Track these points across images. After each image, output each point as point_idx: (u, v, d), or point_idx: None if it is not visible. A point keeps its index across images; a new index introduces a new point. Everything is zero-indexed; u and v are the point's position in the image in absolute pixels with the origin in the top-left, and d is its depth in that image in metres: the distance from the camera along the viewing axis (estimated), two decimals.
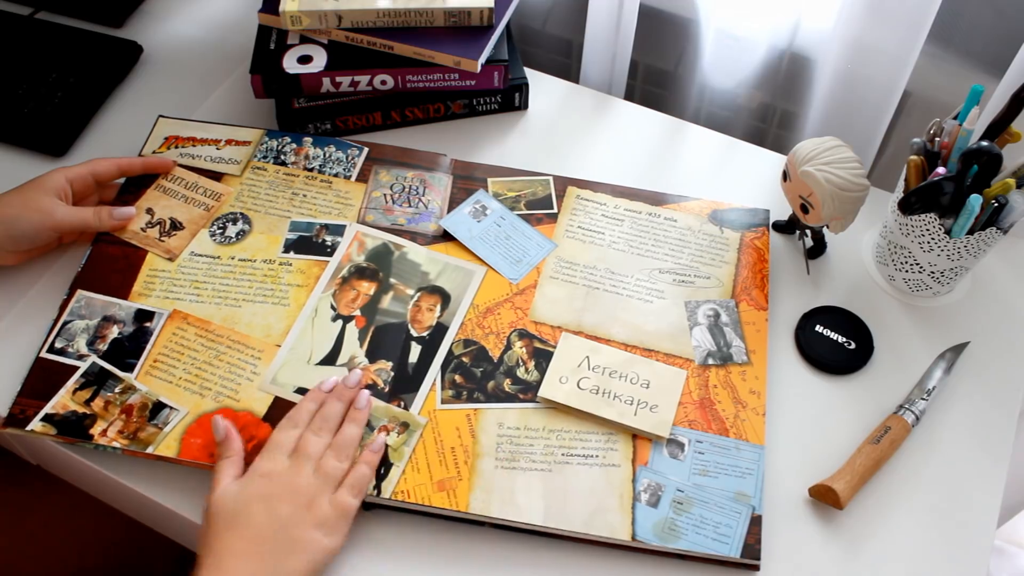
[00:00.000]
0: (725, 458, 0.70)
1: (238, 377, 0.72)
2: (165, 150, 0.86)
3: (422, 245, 0.80)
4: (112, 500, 0.82)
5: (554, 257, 0.81)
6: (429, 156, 0.87)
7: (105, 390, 0.72)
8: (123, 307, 0.76)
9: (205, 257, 0.79)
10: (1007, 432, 0.75)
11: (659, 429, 0.71)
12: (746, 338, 0.77)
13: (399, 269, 0.79)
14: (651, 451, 0.70)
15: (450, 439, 0.70)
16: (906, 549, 0.69)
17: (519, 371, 0.74)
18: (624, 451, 0.70)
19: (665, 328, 0.77)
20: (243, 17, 1.05)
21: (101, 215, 0.79)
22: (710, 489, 0.68)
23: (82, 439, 0.69)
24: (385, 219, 0.82)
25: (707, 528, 0.67)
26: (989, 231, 0.74)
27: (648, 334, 0.77)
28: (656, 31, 1.04)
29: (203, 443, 0.69)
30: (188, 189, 0.83)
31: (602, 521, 0.67)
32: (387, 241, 0.81)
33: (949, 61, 0.94)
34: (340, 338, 0.75)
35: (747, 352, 0.76)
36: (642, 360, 0.74)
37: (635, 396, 0.72)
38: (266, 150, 0.87)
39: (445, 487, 0.68)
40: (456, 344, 0.75)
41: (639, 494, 0.68)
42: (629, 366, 0.74)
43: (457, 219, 0.82)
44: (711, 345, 0.76)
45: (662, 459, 0.70)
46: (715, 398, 0.73)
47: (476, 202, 0.83)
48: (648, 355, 0.75)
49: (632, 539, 0.66)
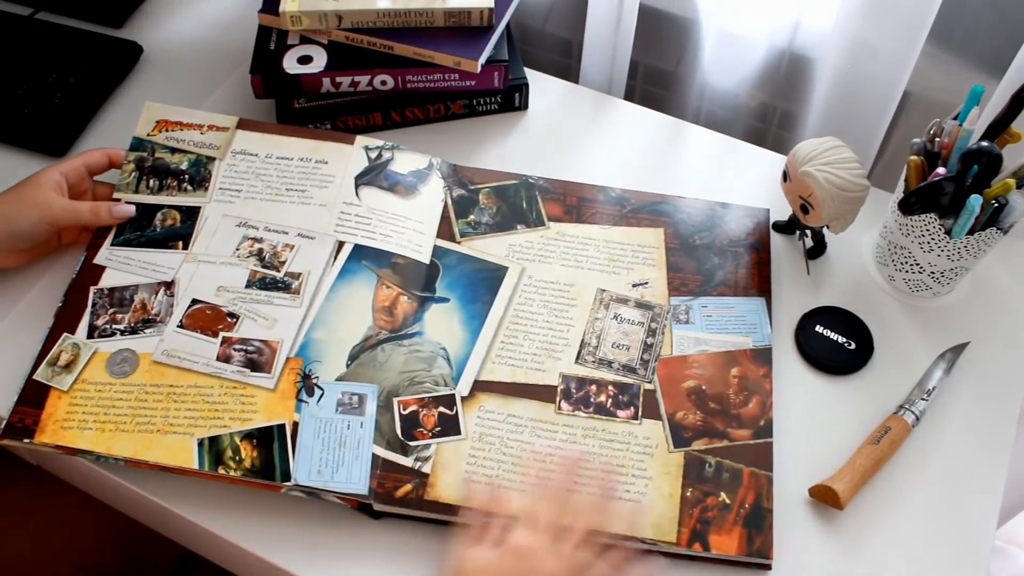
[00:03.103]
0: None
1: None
2: (157, 133, 0.86)
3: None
4: (112, 500, 0.82)
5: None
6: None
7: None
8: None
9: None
10: (1007, 432, 0.75)
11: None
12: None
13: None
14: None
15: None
16: (906, 549, 0.69)
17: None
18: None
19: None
20: (243, 17, 1.05)
21: (99, 211, 0.79)
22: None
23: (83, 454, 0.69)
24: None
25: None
26: (989, 231, 0.74)
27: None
28: (656, 31, 1.04)
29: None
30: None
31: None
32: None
33: (949, 61, 0.94)
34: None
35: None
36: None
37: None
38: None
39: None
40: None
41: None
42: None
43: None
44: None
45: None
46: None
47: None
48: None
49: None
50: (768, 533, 0.67)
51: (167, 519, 0.74)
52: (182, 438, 0.69)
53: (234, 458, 0.68)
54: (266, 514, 0.69)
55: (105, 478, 0.72)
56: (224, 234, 0.80)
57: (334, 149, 0.86)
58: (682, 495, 0.68)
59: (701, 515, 0.67)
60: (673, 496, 0.68)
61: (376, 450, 0.69)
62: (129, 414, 0.70)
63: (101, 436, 0.69)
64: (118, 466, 0.70)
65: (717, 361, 0.75)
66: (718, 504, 0.68)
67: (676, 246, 0.82)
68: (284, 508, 0.69)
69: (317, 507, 0.70)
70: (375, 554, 0.68)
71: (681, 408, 0.72)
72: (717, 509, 0.68)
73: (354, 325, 0.75)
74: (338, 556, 0.68)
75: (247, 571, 0.75)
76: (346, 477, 0.67)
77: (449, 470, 0.69)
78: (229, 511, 0.69)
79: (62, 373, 0.72)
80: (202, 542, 0.76)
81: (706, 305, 0.78)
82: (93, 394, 0.71)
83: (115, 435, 0.69)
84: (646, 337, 0.76)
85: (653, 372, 0.74)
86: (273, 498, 0.70)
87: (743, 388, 0.73)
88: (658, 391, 0.73)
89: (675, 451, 0.70)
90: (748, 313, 0.78)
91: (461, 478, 0.68)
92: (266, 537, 0.68)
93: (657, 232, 0.83)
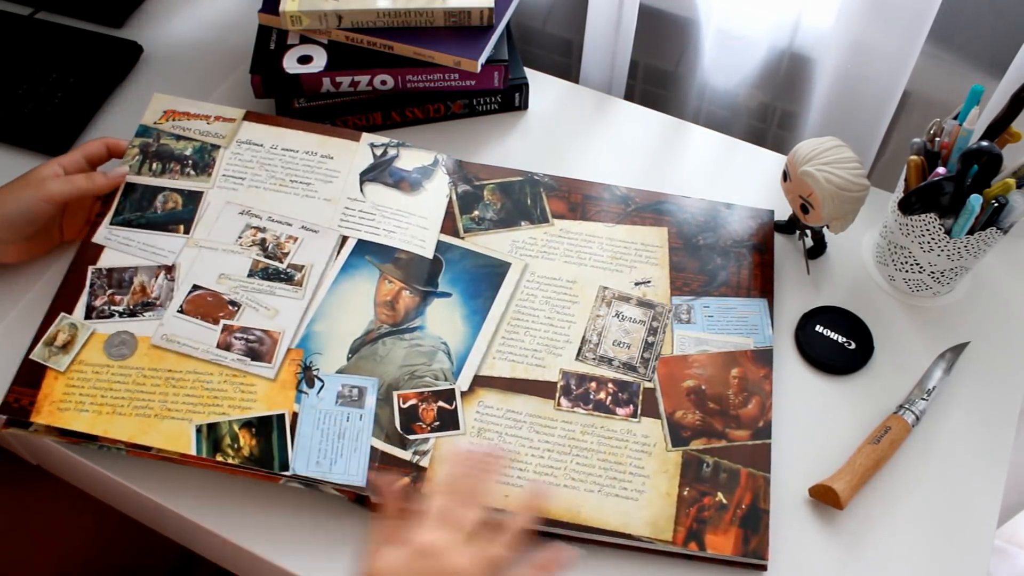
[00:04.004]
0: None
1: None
2: (164, 122, 0.86)
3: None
4: (112, 500, 0.82)
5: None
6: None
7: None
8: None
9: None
10: (1007, 432, 0.75)
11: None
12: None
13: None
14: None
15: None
16: (906, 549, 0.69)
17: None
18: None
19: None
20: (243, 17, 1.05)
21: (95, 178, 0.79)
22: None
23: (87, 440, 0.69)
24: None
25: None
26: (989, 231, 0.74)
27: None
28: (656, 31, 1.04)
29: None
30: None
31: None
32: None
33: (949, 61, 0.94)
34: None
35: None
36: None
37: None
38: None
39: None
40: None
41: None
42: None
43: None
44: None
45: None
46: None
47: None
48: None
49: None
50: (764, 534, 0.67)
51: (165, 517, 0.74)
52: (180, 423, 0.69)
53: (232, 446, 0.68)
54: (263, 510, 0.69)
55: (104, 477, 0.72)
56: (227, 221, 0.80)
57: (340, 145, 0.86)
58: (679, 494, 0.68)
59: (698, 514, 0.67)
60: (670, 495, 0.68)
61: (375, 443, 0.69)
62: (127, 397, 0.70)
63: (98, 418, 0.69)
64: (117, 464, 0.70)
65: (717, 361, 0.75)
66: (715, 504, 0.68)
67: (679, 246, 0.82)
68: (280, 503, 0.70)
69: (313, 501, 0.70)
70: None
71: (680, 407, 0.72)
72: (714, 509, 0.68)
73: (356, 319, 0.75)
74: (334, 550, 0.68)
75: (245, 568, 0.75)
76: (344, 469, 0.68)
77: (447, 464, 0.69)
78: (226, 508, 0.69)
79: (59, 353, 0.72)
80: (200, 540, 0.75)
81: (708, 305, 0.78)
82: (90, 376, 0.71)
83: (112, 418, 0.69)
84: (647, 336, 0.76)
85: (653, 371, 0.74)
86: (269, 493, 0.70)
87: (743, 389, 0.73)
88: (658, 390, 0.73)
89: (673, 450, 0.70)
90: (750, 314, 0.78)
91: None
92: (262, 533, 0.68)
93: (661, 231, 0.83)
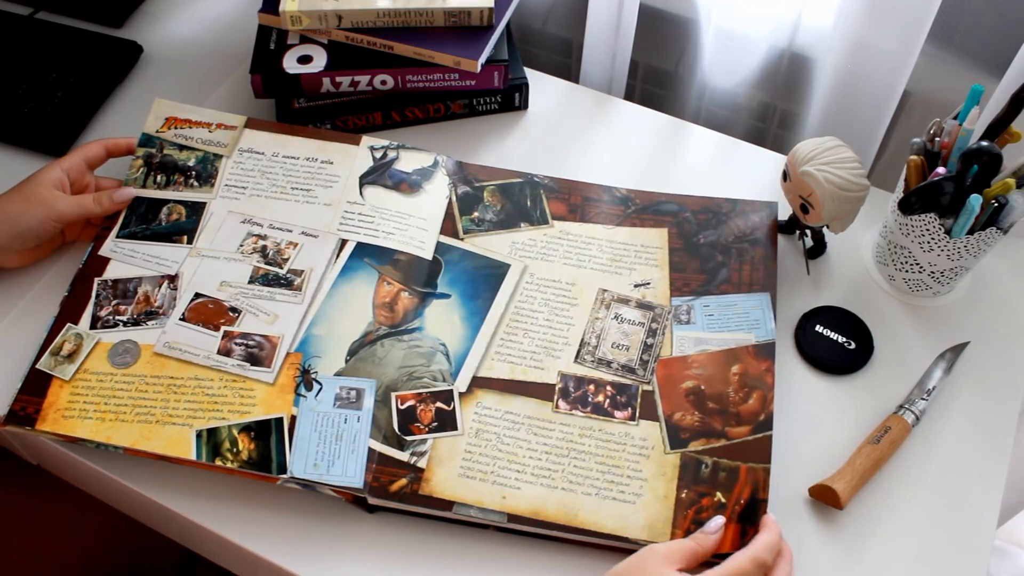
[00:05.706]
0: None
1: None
2: (166, 130, 0.86)
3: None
4: (113, 500, 0.82)
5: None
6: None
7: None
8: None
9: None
10: (1007, 432, 0.75)
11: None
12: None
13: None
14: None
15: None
16: (906, 549, 0.69)
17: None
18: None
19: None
20: (243, 17, 1.05)
21: (101, 200, 0.80)
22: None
23: (83, 443, 0.69)
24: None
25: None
26: (989, 231, 0.74)
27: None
28: (656, 31, 1.04)
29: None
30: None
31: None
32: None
33: (949, 61, 0.94)
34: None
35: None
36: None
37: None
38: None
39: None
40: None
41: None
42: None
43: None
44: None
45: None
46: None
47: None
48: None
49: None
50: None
51: (166, 517, 0.74)
52: (181, 429, 0.69)
53: (231, 450, 0.68)
54: (262, 510, 0.69)
55: (105, 477, 0.72)
56: (229, 230, 0.81)
57: (340, 149, 0.86)
58: (677, 497, 0.68)
59: (695, 516, 0.67)
60: (668, 497, 0.68)
61: (372, 444, 0.69)
62: (129, 404, 0.71)
63: (101, 425, 0.70)
64: (117, 464, 0.70)
65: (718, 360, 0.75)
66: (713, 504, 0.68)
67: (680, 246, 0.82)
68: (280, 503, 0.70)
69: (312, 502, 0.70)
70: (368, 548, 0.68)
71: (679, 409, 0.72)
72: (712, 509, 0.67)
73: (354, 321, 0.75)
74: (332, 550, 0.68)
75: (245, 568, 0.75)
76: (342, 470, 0.68)
77: (444, 466, 0.69)
78: (226, 508, 0.69)
79: (64, 363, 0.73)
80: (200, 540, 0.76)
81: (708, 304, 0.78)
82: (94, 384, 0.72)
83: (115, 425, 0.70)
84: (646, 338, 0.76)
85: (652, 373, 0.74)
86: (269, 494, 0.70)
87: (743, 385, 0.73)
88: (656, 392, 0.73)
89: (671, 452, 0.70)
90: (751, 308, 0.78)
91: (456, 474, 0.68)
92: (262, 533, 0.68)
93: (661, 232, 0.83)
